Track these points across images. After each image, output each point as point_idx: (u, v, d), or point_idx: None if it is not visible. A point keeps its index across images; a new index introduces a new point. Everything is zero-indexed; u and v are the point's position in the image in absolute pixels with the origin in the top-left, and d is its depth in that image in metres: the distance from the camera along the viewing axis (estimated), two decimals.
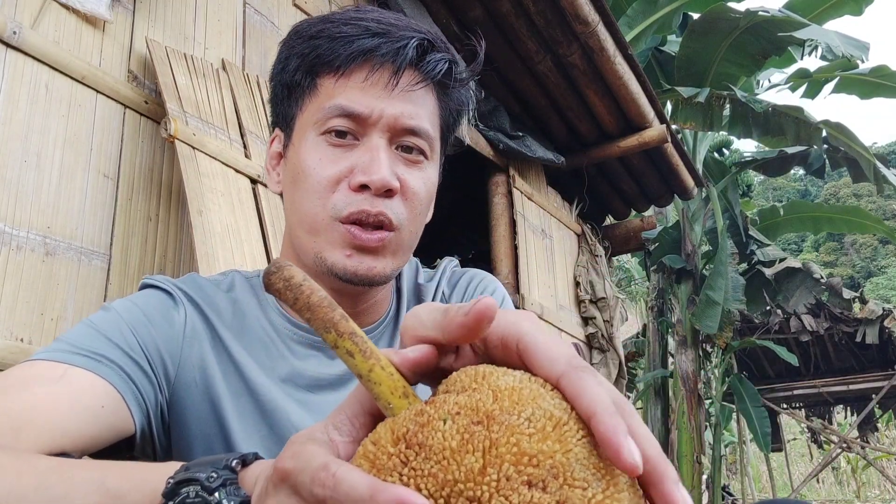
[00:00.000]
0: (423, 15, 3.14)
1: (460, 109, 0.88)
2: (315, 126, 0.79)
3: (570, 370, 0.37)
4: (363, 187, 0.76)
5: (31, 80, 1.74)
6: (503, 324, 0.40)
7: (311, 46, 0.79)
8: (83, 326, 0.73)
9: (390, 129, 0.78)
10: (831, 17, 8.83)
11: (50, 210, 1.74)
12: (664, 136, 4.17)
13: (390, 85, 0.77)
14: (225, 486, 0.45)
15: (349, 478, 0.34)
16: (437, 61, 0.80)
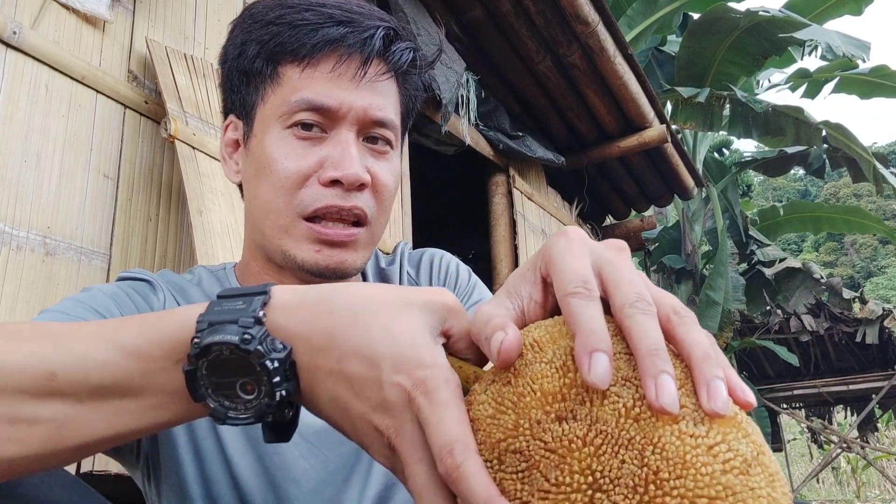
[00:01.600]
0: (423, 15, 3.14)
1: (418, 94, 0.86)
2: (281, 119, 0.77)
3: (565, 297, 0.38)
4: (335, 182, 0.75)
5: (31, 80, 1.74)
6: (545, 256, 0.42)
7: (271, 33, 0.76)
8: (68, 301, 0.72)
9: (359, 122, 0.76)
10: (831, 17, 8.82)
11: (50, 210, 1.74)
12: (664, 136, 4.17)
13: (358, 76, 0.75)
14: (262, 343, 0.41)
15: (473, 479, 0.35)
16: (402, 51, 0.78)
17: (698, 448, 0.33)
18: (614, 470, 0.33)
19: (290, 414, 0.45)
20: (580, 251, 0.41)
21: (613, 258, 0.41)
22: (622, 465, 0.33)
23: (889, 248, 32.97)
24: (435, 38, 3.08)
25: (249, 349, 0.41)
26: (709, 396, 0.34)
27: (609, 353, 0.35)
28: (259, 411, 0.42)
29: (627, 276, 0.39)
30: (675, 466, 0.33)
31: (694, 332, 0.37)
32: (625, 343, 0.37)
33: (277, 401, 0.42)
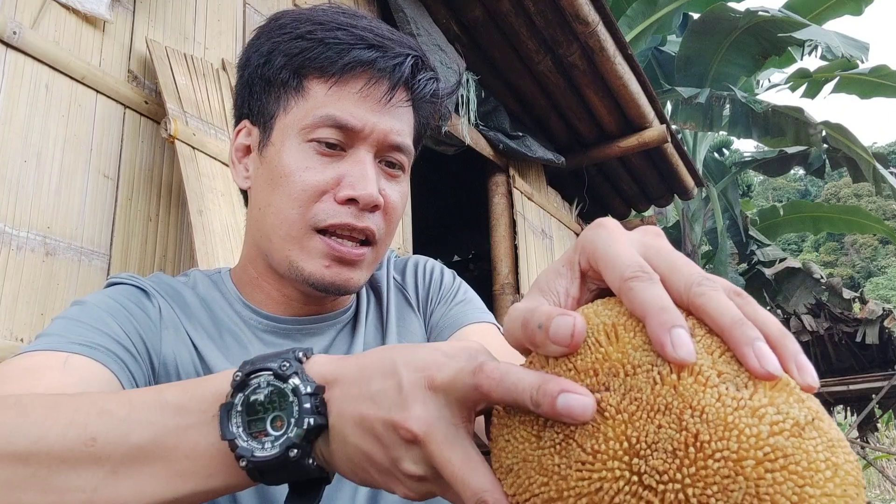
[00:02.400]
0: (423, 15, 3.14)
1: (429, 123, 0.88)
2: (302, 131, 0.77)
3: (625, 282, 0.38)
4: (350, 201, 0.76)
5: (31, 80, 1.74)
6: (586, 249, 0.42)
7: (300, 47, 0.77)
8: (62, 321, 0.72)
9: (378, 144, 0.77)
10: (831, 17, 8.83)
11: (50, 210, 1.74)
12: (664, 136, 4.17)
13: (384, 100, 0.77)
14: (299, 374, 0.45)
15: (517, 371, 0.38)
16: (426, 80, 0.80)
17: (741, 409, 0.32)
18: (651, 435, 0.33)
19: (314, 464, 0.45)
20: (625, 239, 0.41)
21: (657, 244, 0.41)
22: (659, 430, 0.33)
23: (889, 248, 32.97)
24: (435, 38, 3.08)
25: (286, 374, 0.45)
26: (760, 359, 0.34)
27: (686, 328, 0.35)
28: (286, 443, 0.44)
29: (681, 259, 0.39)
30: (717, 429, 0.32)
31: (762, 313, 0.37)
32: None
33: (305, 430, 0.43)
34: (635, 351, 0.36)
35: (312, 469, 0.45)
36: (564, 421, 0.36)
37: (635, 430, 0.34)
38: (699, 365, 0.34)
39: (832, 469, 0.32)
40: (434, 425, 0.40)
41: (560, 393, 0.35)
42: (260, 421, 0.45)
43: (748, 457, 0.31)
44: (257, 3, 2.52)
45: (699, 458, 0.32)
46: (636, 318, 0.37)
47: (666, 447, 0.33)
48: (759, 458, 0.31)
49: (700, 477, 0.32)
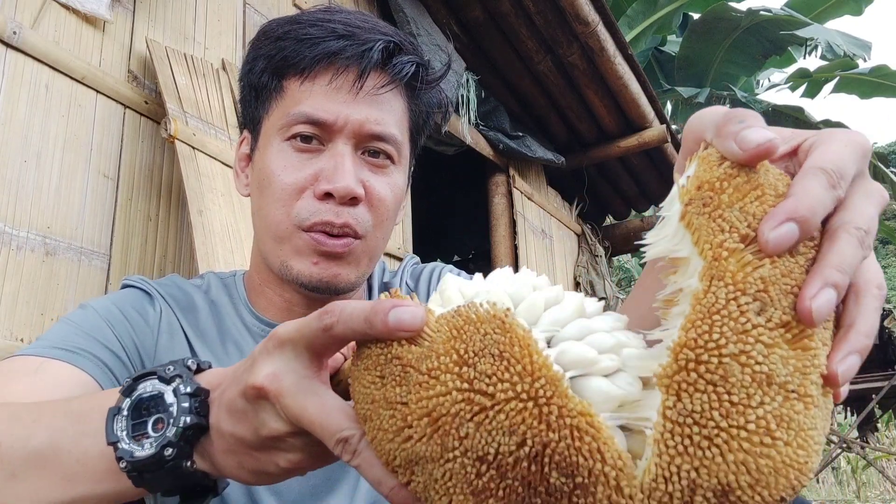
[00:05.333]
0: (422, 14, 3.14)
1: (430, 112, 0.86)
2: (280, 131, 0.78)
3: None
4: (327, 195, 0.75)
5: (31, 80, 1.74)
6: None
7: (278, 48, 0.78)
8: (61, 324, 0.74)
9: (355, 135, 0.77)
10: (831, 17, 8.83)
11: (50, 210, 1.74)
12: (664, 137, 4.17)
13: (355, 88, 0.76)
14: (181, 377, 0.46)
15: (354, 302, 0.40)
16: (404, 63, 0.78)
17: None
18: (477, 343, 0.35)
19: (192, 466, 0.46)
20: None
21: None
22: (485, 337, 0.35)
23: (889, 248, 32.98)
24: (435, 38, 3.08)
25: (169, 377, 0.46)
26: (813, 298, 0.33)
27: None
28: (162, 442, 0.45)
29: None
30: (528, 331, 0.36)
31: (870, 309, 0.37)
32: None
33: (182, 428, 0.44)
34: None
35: (190, 472, 0.46)
36: (399, 336, 0.37)
37: (463, 341, 0.36)
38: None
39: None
40: (282, 377, 0.41)
41: (391, 308, 0.37)
42: (143, 424, 0.46)
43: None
44: (257, 3, 2.52)
45: (524, 357, 0.34)
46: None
47: (493, 351, 0.35)
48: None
49: (528, 372, 0.34)
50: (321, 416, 0.40)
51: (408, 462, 0.37)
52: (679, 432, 0.33)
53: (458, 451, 0.35)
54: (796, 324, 0.33)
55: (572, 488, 0.34)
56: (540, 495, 0.34)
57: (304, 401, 0.40)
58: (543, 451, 0.34)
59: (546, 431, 0.33)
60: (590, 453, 0.34)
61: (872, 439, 11.17)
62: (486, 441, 0.34)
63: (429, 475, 0.36)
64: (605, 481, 0.34)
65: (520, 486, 0.34)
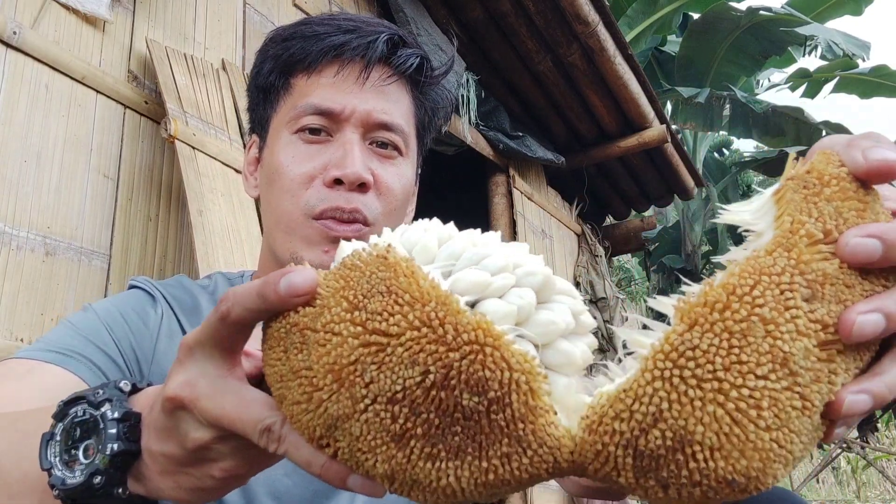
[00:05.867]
0: (422, 15, 3.14)
1: (436, 108, 0.87)
2: (289, 125, 0.79)
3: None
4: (337, 182, 0.75)
5: (31, 80, 1.74)
6: None
7: (284, 48, 0.80)
8: (61, 325, 0.74)
9: (363, 125, 0.77)
10: (831, 17, 8.83)
11: (50, 210, 1.74)
12: (664, 136, 4.17)
13: (361, 79, 0.77)
14: (111, 401, 0.45)
15: (246, 283, 0.39)
16: (407, 56, 0.80)
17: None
18: (364, 286, 0.35)
19: (125, 493, 0.44)
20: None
21: None
22: (371, 277, 0.35)
23: None
24: (435, 38, 3.08)
25: (98, 401, 0.45)
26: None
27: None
28: (90, 470, 0.43)
29: None
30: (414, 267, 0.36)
31: None
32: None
33: (109, 456, 0.43)
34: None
35: (123, 499, 0.44)
36: (295, 303, 0.37)
37: (351, 288, 0.35)
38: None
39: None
40: (196, 382, 0.40)
41: (281, 277, 0.37)
42: (75, 449, 0.44)
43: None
44: (257, 3, 2.52)
45: (411, 285, 0.34)
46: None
47: (381, 289, 0.34)
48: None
49: (416, 299, 0.34)
50: (240, 411, 0.39)
51: (327, 429, 0.36)
52: (673, 360, 0.32)
53: (368, 398, 0.34)
54: (834, 331, 0.32)
55: (487, 405, 0.33)
56: (458, 422, 0.33)
57: (222, 400, 0.39)
58: (448, 374, 0.33)
59: (446, 353, 0.33)
60: (494, 363, 0.33)
61: (872, 439, 11.16)
62: (392, 380, 0.33)
63: (350, 436, 0.35)
64: (517, 388, 0.33)
65: (436, 418, 0.33)
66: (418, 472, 0.34)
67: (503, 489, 0.36)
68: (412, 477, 0.35)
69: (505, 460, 0.34)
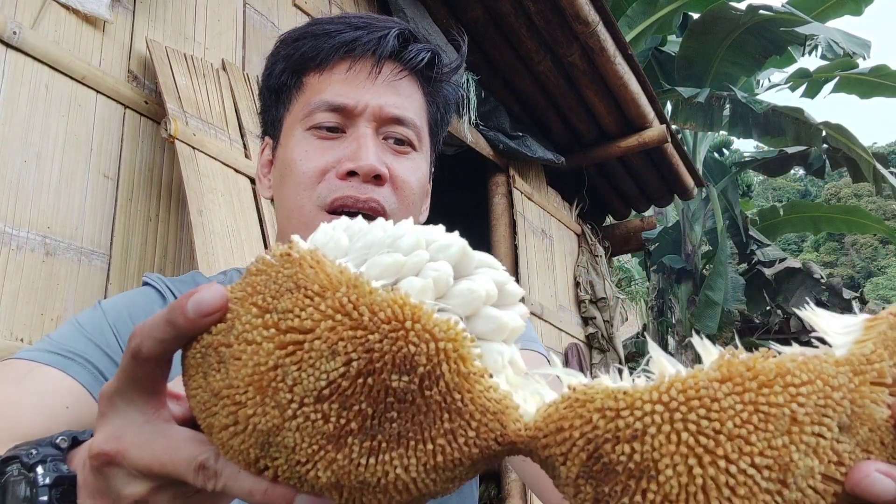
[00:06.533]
0: (423, 15, 3.14)
1: (448, 105, 0.87)
2: (302, 122, 0.79)
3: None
4: (351, 174, 0.75)
5: (31, 80, 1.74)
6: None
7: (296, 48, 0.80)
8: (68, 324, 0.74)
9: (376, 119, 0.77)
10: (831, 17, 8.83)
11: (50, 210, 1.74)
12: (664, 137, 4.17)
13: (373, 74, 0.77)
14: (44, 462, 0.42)
15: (155, 315, 0.37)
16: (418, 51, 0.80)
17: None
18: (272, 287, 0.34)
19: None
20: None
21: None
22: (278, 277, 0.34)
23: (889, 249, 32.97)
24: (435, 38, 3.08)
25: (31, 463, 0.41)
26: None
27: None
28: None
29: None
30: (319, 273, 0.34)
31: None
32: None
33: None
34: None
35: None
36: (208, 322, 0.35)
37: (259, 293, 0.34)
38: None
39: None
40: (121, 434, 0.38)
41: (188, 299, 0.35)
42: None
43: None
44: (257, 3, 2.52)
45: (318, 275, 0.33)
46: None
47: (289, 286, 0.33)
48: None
49: (326, 288, 0.32)
50: (170, 454, 0.36)
51: (261, 448, 0.33)
52: (688, 396, 0.30)
53: (295, 402, 0.32)
54: (844, 472, 0.30)
55: (419, 382, 0.31)
56: (393, 407, 0.32)
57: (151, 447, 0.37)
58: (372, 357, 0.31)
59: (365, 336, 0.31)
60: (417, 337, 0.31)
61: None
62: (316, 376, 0.31)
63: (285, 449, 0.33)
64: (446, 357, 0.32)
65: (369, 408, 0.32)
66: (363, 472, 0.32)
67: (457, 472, 0.34)
68: (358, 479, 0.33)
69: (451, 437, 0.32)
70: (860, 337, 0.33)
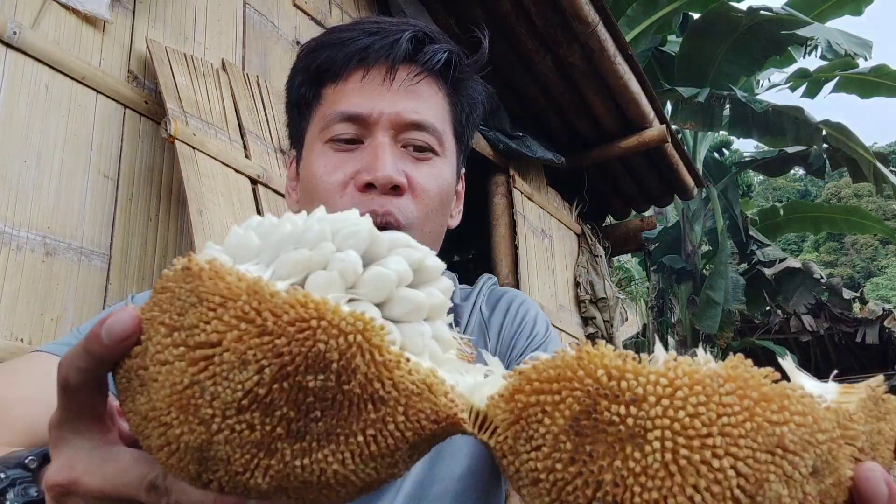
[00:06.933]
0: (423, 15, 3.14)
1: (474, 104, 0.85)
2: (320, 135, 0.78)
3: None
4: (369, 186, 0.74)
5: (31, 80, 1.75)
6: None
7: (313, 59, 0.79)
8: (97, 316, 0.74)
9: (394, 126, 0.76)
10: (831, 17, 8.83)
11: (50, 210, 1.74)
12: (664, 136, 4.17)
13: (387, 80, 0.75)
14: (14, 486, 0.42)
15: (78, 343, 0.37)
16: (434, 52, 0.78)
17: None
18: (177, 305, 0.33)
19: None
20: None
21: None
22: (180, 294, 0.33)
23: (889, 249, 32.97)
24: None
25: (0, 486, 0.42)
26: None
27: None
28: None
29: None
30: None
31: None
32: None
33: None
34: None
35: None
36: (126, 346, 0.35)
37: (164, 311, 0.34)
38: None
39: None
40: (73, 464, 0.38)
41: (101, 327, 0.35)
42: None
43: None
44: (257, 3, 2.52)
45: (217, 285, 0.32)
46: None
47: (192, 301, 0.33)
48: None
49: (227, 297, 0.32)
50: (121, 476, 0.37)
51: (199, 463, 0.33)
52: (671, 396, 0.30)
53: (217, 416, 0.32)
54: None
55: (336, 379, 0.31)
56: (315, 407, 0.31)
57: (101, 472, 0.38)
58: (283, 362, 0.31)
59: (272, 341, 0.31)
60: (325, 333, 0.31)
61: None
62: (232, 388, 0.31)
63: (221, 462, 0.33)
64: (359, 349, 0.31)
65: (291, 411, 0.31)
66: (301, 473, 0.32)
67: (397, 456, 0.34)
68: (300, 480, 0.32)
69: (380, 426, 0.32)
70: (839, 398, 0.33)
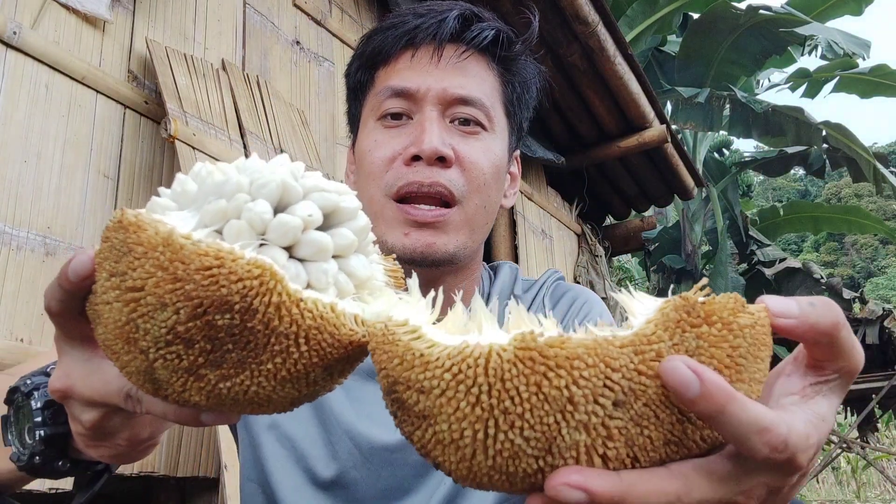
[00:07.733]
0: None
1: (526, 83, 0.85)
2: (373, 113, 0.80)
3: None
4: (415, 158, 0.75)
5: (31, 80, 1.74)
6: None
7: (367, 44, 0.82)
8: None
9: (441, 101, 0.77)
10: (831, 17, 8.83)
11: (50, 210, 1.74)
12: (664, 137, 4.17)
13: (434, 58, 0.78)
14: (38, 389, 0.50)
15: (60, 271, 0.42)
16: (481, 30, 0.79)
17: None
18: (115, 253, 0.37)
19: (65, 466, 0.50)
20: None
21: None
22: (115, 244, 0.37)
23: (889, 249, 32.97)
24: None
25: (28, 391, 0.50)
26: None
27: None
28: (30, 451, 0.49)
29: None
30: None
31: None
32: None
33: (40, 440, 0.49)
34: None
35: (64, 470, 0.50)
36: (86, 284, 0.40)
37: (107, 258, 0.38)
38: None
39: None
40: (70, 372, 0.44)
41: (69, 264, 0.40)
42: (23, 431, 0.51)
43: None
44: (257, 3, 2.52)
45: (140, 236, 0.36)
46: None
47: (123, 250, 0.37)
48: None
49: (149, 248, 0.35)
50: (106, 386, 0.43)
51: (152, 383, 0.38)
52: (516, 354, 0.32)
53: (152, 348, 0.36)
54: (612, 444, 0.33)
55: (241, 318, 0.35)
56: (227, 341, 0.36)
57: (91, 381, 0.43)
58: (193, 304, 0.35)
59: (182, 287, 0.35)
60: (227, 279, 0.35)
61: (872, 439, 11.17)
62: (158, 325, 0.36)
63: (166, 382, 0.38)
64: (257, 293, 0.35)
65: (208, 344, 0.36)
66: (227, 393, 0.37)
67: (312, 377, 0.38)
68: (229, 398, 0.37)
69: (285, 355, 0.36)
70: (651, 318, 0.35)
